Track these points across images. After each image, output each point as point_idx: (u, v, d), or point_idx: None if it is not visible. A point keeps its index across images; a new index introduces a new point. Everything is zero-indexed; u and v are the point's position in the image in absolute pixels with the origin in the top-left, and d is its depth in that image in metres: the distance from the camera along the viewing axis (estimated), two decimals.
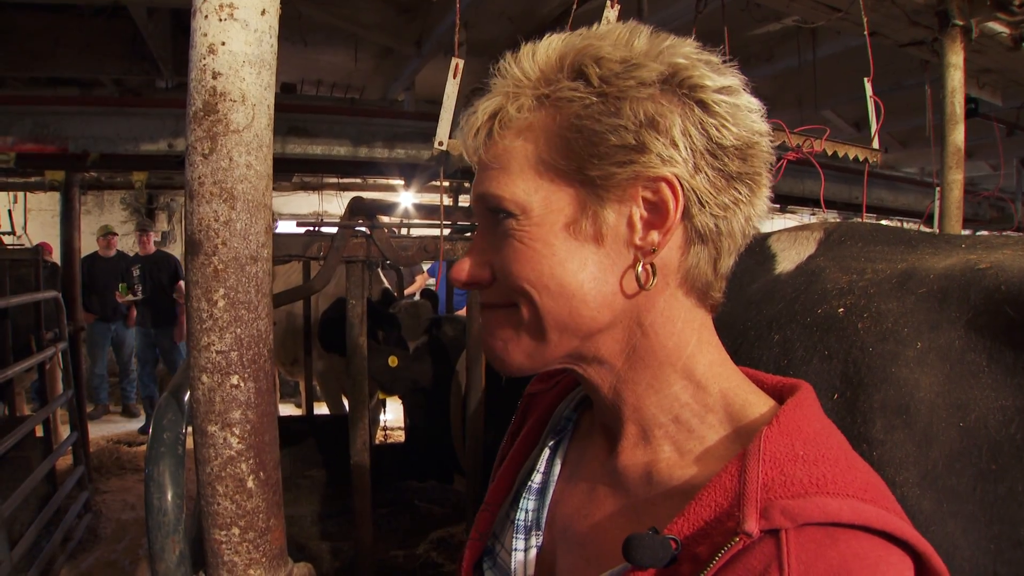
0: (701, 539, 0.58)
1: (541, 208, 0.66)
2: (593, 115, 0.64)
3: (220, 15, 1.17)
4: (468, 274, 0.72)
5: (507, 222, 0.67)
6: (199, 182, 1.19)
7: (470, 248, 0.73)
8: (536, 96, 0.67)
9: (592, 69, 0.64)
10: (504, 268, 0.68)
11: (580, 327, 0.67)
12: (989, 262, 1.05)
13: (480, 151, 0.70)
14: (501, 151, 0.68)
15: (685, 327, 0.69)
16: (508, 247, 0.68)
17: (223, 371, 1.22)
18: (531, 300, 0.67)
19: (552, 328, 0.67)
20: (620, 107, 0.63)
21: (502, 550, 0.82)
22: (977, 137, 5.61)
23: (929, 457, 0.93)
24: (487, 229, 0.72)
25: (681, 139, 0.63)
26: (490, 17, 3.91)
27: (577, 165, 0.65)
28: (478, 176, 0.71)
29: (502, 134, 0.68)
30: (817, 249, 1.32)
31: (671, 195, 0.63)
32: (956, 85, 2.82)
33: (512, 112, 0.67)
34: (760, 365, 1.13)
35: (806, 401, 0.66)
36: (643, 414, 0.70)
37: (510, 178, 0.67)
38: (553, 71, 0.67)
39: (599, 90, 0.64)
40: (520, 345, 0.70)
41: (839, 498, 0.56)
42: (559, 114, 0.66)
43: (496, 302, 0.71)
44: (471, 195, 0.74)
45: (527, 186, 0.66)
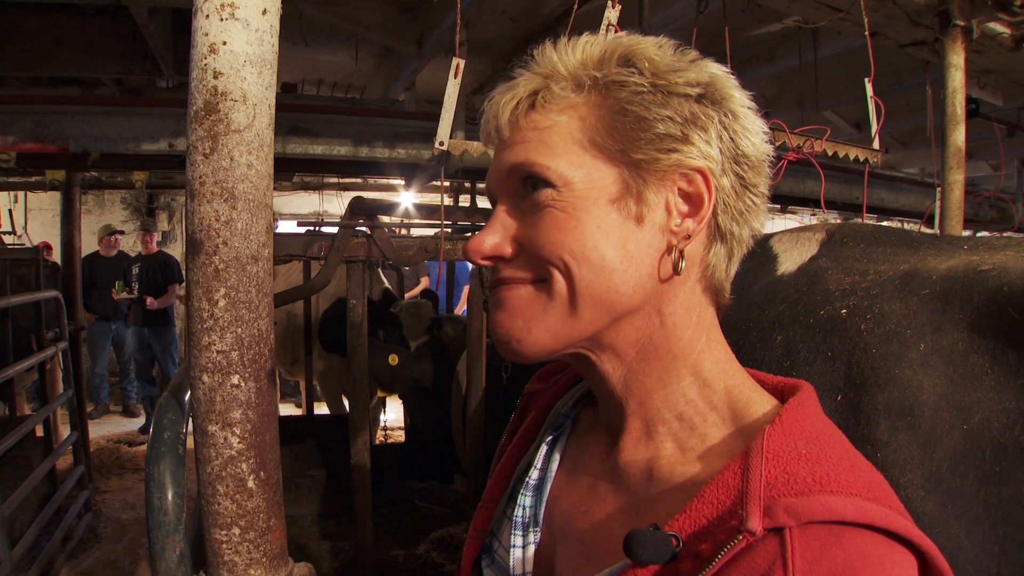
0: (703, 537, 0.58)
1: (584, 182, 0.67)
2: (643, 102, 0.66)
3: (221, 15, 1.17)
4: (492, 246, 0.70)
5: (544, 192, 0.67)
6: (200, 182, 1.19)
7: (490, 223, 0.72)
8: (581, 79, 0.69)
9: (643, 63, 0.67)
10: (539, 239, 0.68)
11: (614, 305, 0.67)
12: (992, 263, 1.04)
13: (518, 121, 0.70)
14: (543, 124, 0.69)
15: (699, 322, 0.71)
16: (547, 217, 0.67)
17: (224, 371, 1.22)
18: (568, 271, 0.66)
19: (586, 303, 0.67)
20: (669, 100, 0.66)
21: (500, 547, 0.81)
22: (978, 137, 5.61)
23: (933, 459, 0.93)
24: (513, 202, 0.71)
25: (715, 141, 0.67)
26: (491, 16, 3.90)
27: (622, 146, 0.67)
28: (509, 149, 0.70)
29: (545, 108, 0.69)
30: (819, 250, 1.31)
31: (705, 187, 0.67)
32: (957, 85, 2.82)
33: (556, 90, 0.69)
34: (763, 366, 1.12)
35: (808, 400, 0.67)
36: (648, 409, 0.70)
37: (552, 150, 0.67)
38: (598, 61, 0.69)
39: (651, 81, 0.67)
40: (545, 323, 0.68)
41: (843, 496, 0.55)
42: (608, 96, 0.68)
43: (519, 277, 0.70)
44: (497, 168, 0.73)
45: (571, 159, 0.67)
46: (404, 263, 2.73)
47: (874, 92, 2.66)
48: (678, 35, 0.72)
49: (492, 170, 0.74)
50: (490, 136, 0.74)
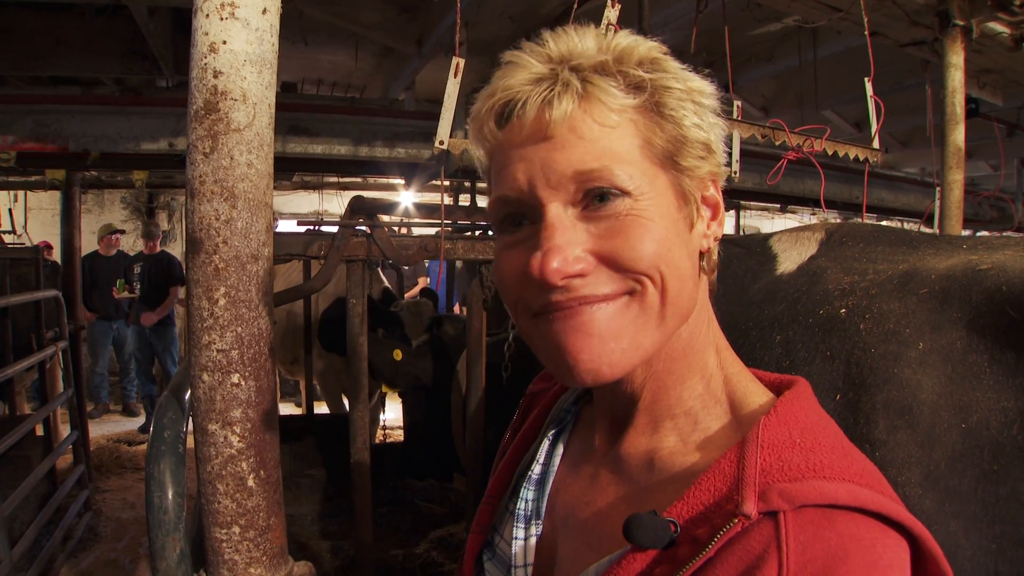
0: (701, 522, 0.59)
1: (651, 188, 0.65)
2: (684, 109, 0.66)
3: (221, 14, 1.17)
4: (576, 263, 0.62)
5: (622, 201, 0.63)
6: (200, 181, 1.19)
7: (550, 236, 0.63)
8: (630, 75, 0.65)
9: (672, 67, 0.67)
10: (631, 250, 0.63)
11: (688, 310, 0.68)
12: (990, 263, 1.05)
13: (575, 119, 0.63)
14: (606, 125, 0.64)
15: (708, 318, 0.72)
16: (629, 226, 0.63)
17: (224, 369, 1.22)
18: (663, 281, 0.63)
19: (673, 313, 0.65)
20: (698, 109, 0.67)
21: (501, 541, 0.82)
22: (977, 137, 5.61)
23: (932, 458, 0.93)
24: (571, 212, 0.64)
25: (718, 145, 0.69)
26: (491, 16, 3.90)
27: (669, 152, 0.66)
28: (560, 151, 0.63)
29: (602, 107, 0.64)
30: (819, 250, 1.32)
31: (718, 192, 0.70)
32: (956, 85, 2.82)
33: (605, 86, 0.64)
34: (762, 365, 1.13)
35: (803, 394, 0.68)
36: (660, 406, 0.71)
37: (620, 156, 0.63)
38: (625, 58, 0.66)
39: (684, 86, 0.67)
40: (638, 339, 0.64)
41: (836, 481, 0.57)
42: (658, 100, 0.65)
43: (603, 293, 0.63)
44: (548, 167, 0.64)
45: (637, 166, 0.64)
46: (404, 263, 2.73)
47: (874, 92, 2.66)
48: (678, 34, 0.72)
49: (533, 170, 0.64)
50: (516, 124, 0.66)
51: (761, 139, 2.43)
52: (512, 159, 0.66)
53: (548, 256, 0.62)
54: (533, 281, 0.63)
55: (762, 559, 0.54)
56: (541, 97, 0.64)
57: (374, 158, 4.12)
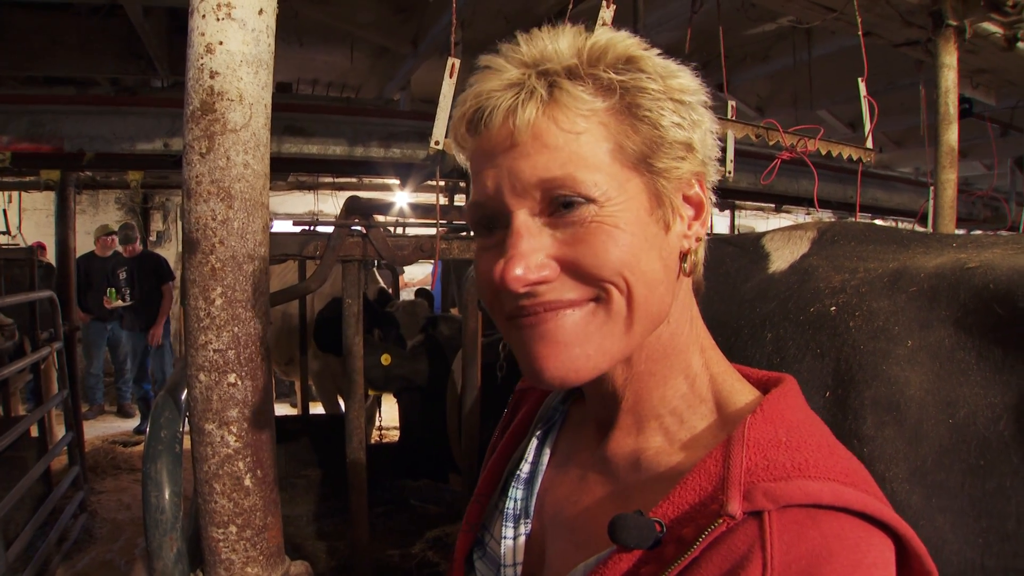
0: (686, 522, 0.59)
1: (620, 193, 0.64)
2: (660, 109, 0.65)
3: (218, 14, 1.18)
4: (537, 274, 0.63)
5: (586, 208, 0.63)
6: (196, 181, 1.19)
7: (514, 243, 0.64)
8: (600, 78, 0.64)
9: (650, 65, 0.66)
10: (594, 257, 0.63)
11: (659, 315, 0.67)
12: (978, 261, 1.06)
13: (536, 125, 0.63)
14: (571, 131, 0.63)
15: (692, 318, 0.72)
16: (593, 232, 0.63)
17: (220, 369, 1.22)
18: (628, 288, 0.64)
19: (640, 318, 0.65)
20: (677, 107, 0.66)
21: (491, 539, 0.83)
22: (971, 137, 5.63)
23: (919, 453, 0.94)
24: (538, 220, 0.65)
25: (701, 145, 0.68)
26: (486, 16, 3.91)
27: (644, 154, 0.65)
28: (526, 159, 0.63)
29: (568, 112, 0.63)
30: (810, 248, 1.33)
31: (702, 191, 0.70)
32: (950, 85, 2.84)
33: (573, 90, 0.64)
34: (753, 363, 1.14)
35: (790, 392, 0.68)
36: (644, 406, 0.72)
37: (586, 162, 0.63)
38: (600, 58, 0.65)
39: (661, 85, 0.65)
40: (603, 345, 0.65)
41: (820, 481, 0.57)
42: (631, 101, 0.65)
43: (571, 300, 0.64)
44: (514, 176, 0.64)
45: (606, 171, 0.64)
46: (400, 263, 2.74)
47: (868, 92, 2.68)
48: (674, 34, 0.72)
49: (500, 177, 0.65)
50: (485, 132, 0.66)
51: (755, 139, 2.44)
52: (483, 166, 0.67)
53: (510, 263, 0.63)
54: (498, 287, 0.64)
55: (747, 559, 0.55)
56: (507, 105, 0.64)
57: (369, 158, 4.12)
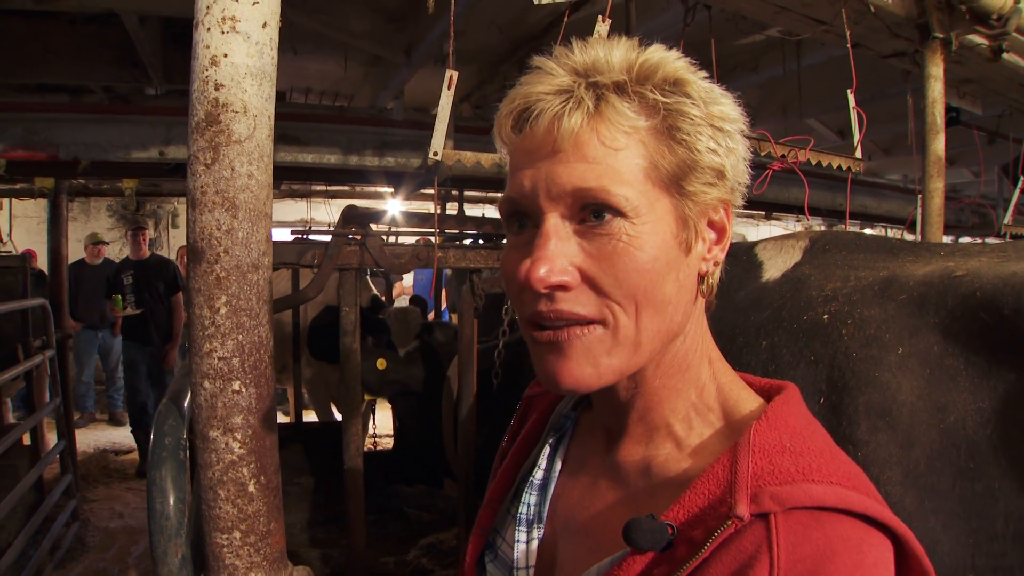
0: (696, 524, 0.62)
1: (649, 211, 0.65)
2: (699, 134, 0.66)
3: (223, 27, 1.20)
4: (559, 276, 0.65)
5: (617, 223, 0.65)
6: (202, 191, 1.21)
7: (545, 244, 0.65)
8: (646, 97, 0.66)
9: (695, 90, 0.67)
10: (614, 276, 0.65)
11: (669, 334, 0.70)
12: (965, 269, 1.09)
13: (580, 135, 0.65)
14: (613, 146, 0.65)
15: (703, 334, 0.75)
16: (619, 251, 0.65)
17: (225, 377, 1.24)
18: (637, 311, 0.66)
19: (648, 339, 0.67)
20: (715, 135, 0.67)
21: (503, 543, 0.85)
22: (959, 144, 5.68)
23: (911, 457, 0.97)
24: (568, 226, 0.66)
25: (732, 172, 0.69)
26: (480, 26, 3.93)
27: (676, 176, 0.66)
28: (569, 165, 0.65)
29: (612, 127, 0.65)
30: (802, 257, 1.36)
31: (727, 217, 0.71)
32: (936, 96, 2.88)
33: (619, 106, 0.65)
34: (749, 370, 1.16)
35: (793, 399, 0.71)
36: (654, 416, 0.74)
37: (623, 178, 0.64)
38: (647, 77, 0.67)
39: (703, 111, 0.67)
40: (612, 364, 0.67)
41: (824, 485, 0.60)
42: (672, 124, 0.66)
43: (582, 315, 0.66)
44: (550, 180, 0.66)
45: (639, 188, 0.65)
46: (397, 271, 2.75)
47: (856, 101, 2.71)
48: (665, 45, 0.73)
49: (536, 180, 0.67)
50: (529, 132, 0.68)
51: None
52: (523, 165, 0.69)
53: (536, 264, 0.64)
54: (522, 285, 0.66)
55: (754, 558, 0.58)
56: (553, 111, 0.66)
57: (364, 167, 4.14)
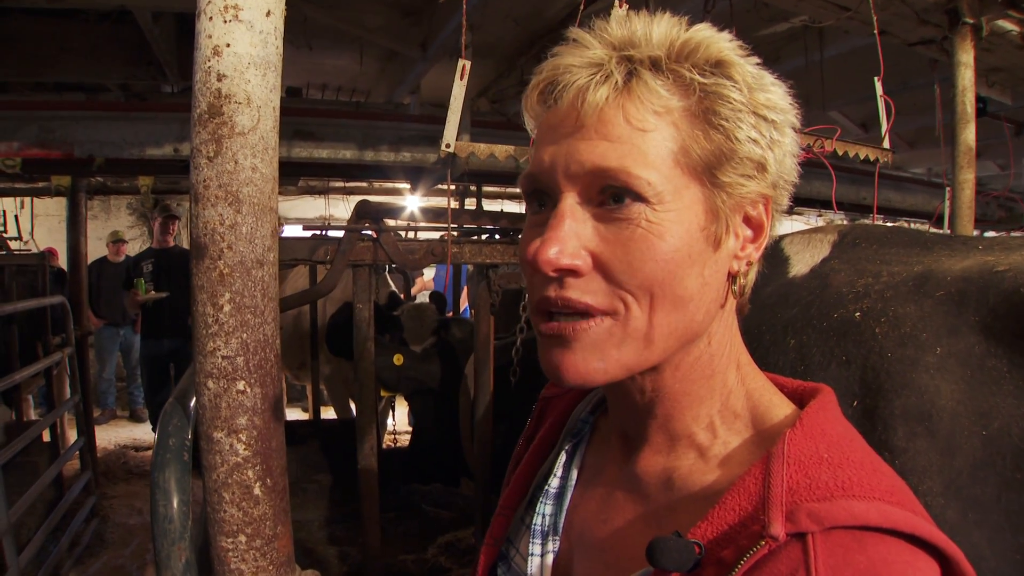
0: (725, 543, 0.57)
1: (674, 201, 0.61)
2: (739, 121, 0.62)
3: (225, 16, 1.16)
4: (570, 259, 0.61)
5: (636, 207, 0.60)
6: (204, 185, 1.18)
7: (558, 225, 0.62)
8: (685, 80, 0.62)
9: (739, 73, 0.62)
10: (628, 264, 0.61)
11: (687, 333, 0.64)
12: (1007, 264, 1.03)
13: (605, 111, 0.61)
14: (640, 125, 0.61)
15: (734, 337, 0.70)
16: (637, 238, 0.60)
17: (229, 377, 1.20)
18: (652, 304, 0.61)
19: (662, 336, 0.63)
20: (758, 123, 0.62)
21: (517, 555, 0.80)
22: (985, 137, 5.56)
23: (953, 466, 0.91)
24: (586, 208, 0.63)
25: (776, 166, 0.64)
26: (495, 19, 3.89)
27: (709, 164, 0.62)
28: (591, 142, 0.61)
29: (641, 105, 0.61)
30: (831, 252, 1.30)
31: (766, 214, 0.66)
32: (967, 84, 2.79)
33: (652, 83, 0.61)
34: (776, 370, 1.11)
35: (828, 404, 0.66)
36: (676, 424, 0.69)
37: (648, 160, 0.60)
38: (688, 55, 0.62)
39: (746, 97, 0.62)
40: (621, 359, 0.63)
41: (866, 501, 0.55)
42: (709, 107, 0.62)
43: (591, 305, 0.61)
44: (569, 157, 0.62)
45: (665, 173, 0.61)
46: (411, 267, 2.72)
47: (883, 91, 2.64)
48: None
49: (556, 155, 0.63)
50: (554, 105, 0.64)
51: None
52: (545, 139, 0.65)
53: (545, 244, 0.61)
54: (531, 266, 0.62)
55: None
56: (579, 84, 0.62)
57: (379, 162, 4.11)
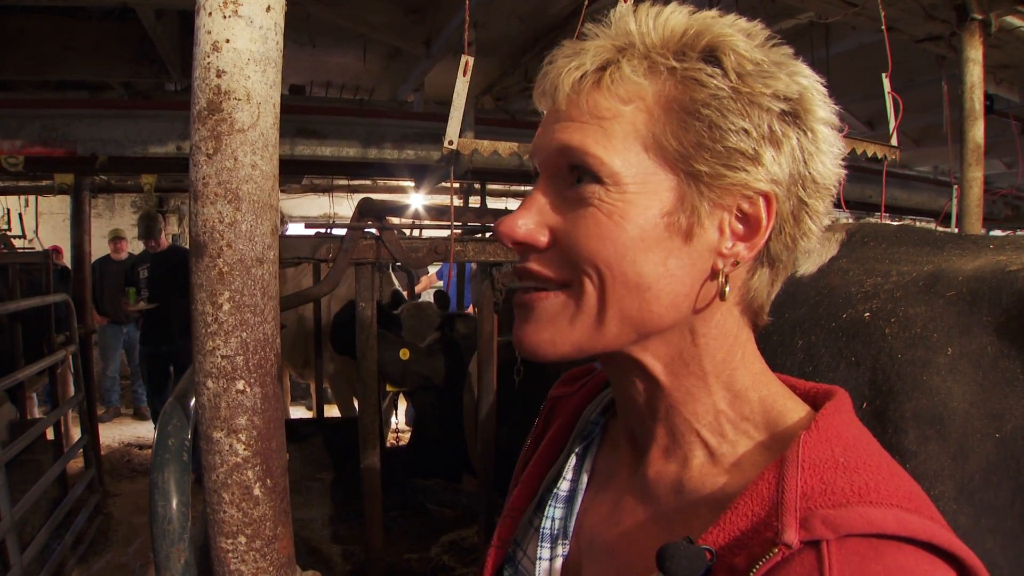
0: (738, 550, 0.55)
1: (636, 185, 0.61)
2: (721, 108, 0.60)
3: (224, 12, 1.14)
4: (526, 232, 0.64)
5: (591, 187, 0.62)
6: (203, 183, 1.16)
7: (527, 202, 0.66)
8: (657, 64, 0.62)
9: (729, 60, 0.61)
10: (577, 239, 0.62)
11: (644, 323, 0.63)
12: (1020, 263, 1.01)
13: (579, 96, 0.63)
14: (605, 108, 0.62)
15: (735, 343, 0.67)
16: (588, 216, 0.62)
17: (229, 376, 1.19)
18: (601, 282, 0.62)
19: (614, 318, 0.63)
20: (749, 111, 0.60)
21: (524, 558, 0.79)
22: (992, 134, 5.52)
23: (965, 470, 0.89)
24: (555, 185, 0.66)
25: (787, 162, 0.61)
26: (499, 16, 3.87)
27: (685, 153, 0.61)
28: (563, 124, 0.64)
29: (611, 90, 0.62)
30: (839, 251, 1.28)
31: (766, 212, 0.62)
32: (975, 80, 2.77)
33: (627, 71, 0.62)
34: (783, 371, 1.09)
35: (844, 406, 0.64)
36: (676, 422, 0.67)
37: (611, 141, 0.61)
38: (680, 44, 0.62)
39: (734, 85, 0.60)
40: (571, 336, 0.64)
41: (883, 508, 0.53)
42: (683, 92, 0.61)
43: (547, 276, 0.65)
44: (546, 139, 0.66)
45: (629, 157, 0.61)
46: (414, 265, 2.70)
47: (891, 88, 2.62)
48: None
49: (541, 139, 0.67)
50: (544, 97, 0.67)
51: None
52: (541, 124, 0.69)
53: (508, 217, 0.65)
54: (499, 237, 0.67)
55: None
56: (557, 73, 0.65)
57: (383, 160, 4.10)
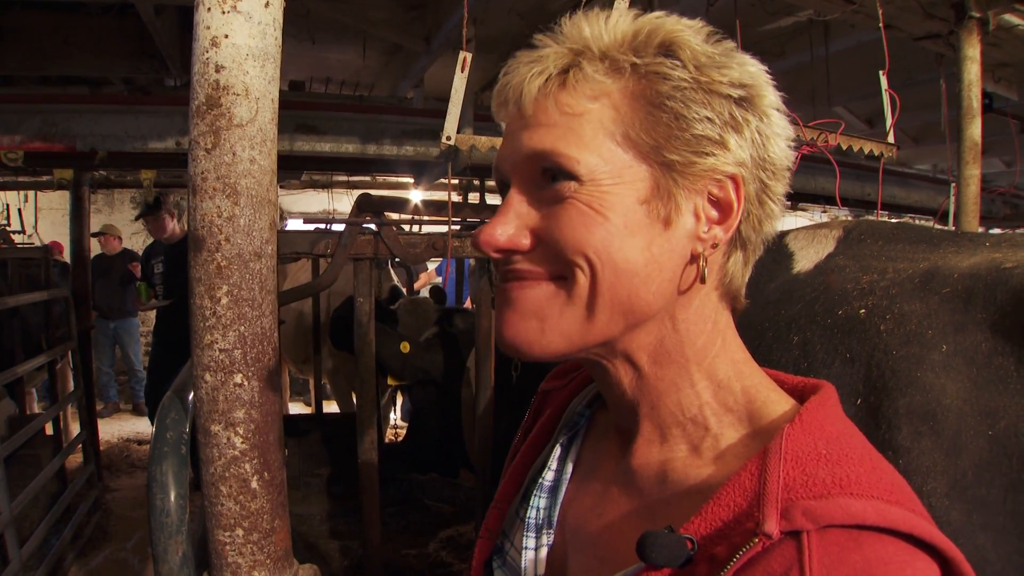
0: (719, 539, 0.56)
1: (611, 178, 0.63)
2: (685, 99, 0.62)
3: (223, 7, 1.15)
4: (507, 239, 0.65)
5: (567, 185, 0.63)
6: (202, 177, 1.17)
7: (502, 210, 0.67)
8: (619, 63, 0.64)
9: (685, 53, 0.63)
10: (561, 233, 0.63)
11: (633, 310, 0.64)
12: (1015, 261, 1.01)
13: (544, 101, 0.64)
14: (574, 110, 0.64)
15: (714, 327, 0.68)
16: (570, 209, 0.63)
17: (226, 370, 1.20)
18: (592, 271, 0.63)
19: (605, 307, 0.64)
20: (710, 100, 0.63)
21: (512, 548, 0.80)
22: (991, 133, 5.52)
23: (958, 466, 0.89)
24: (529, 190, 0.67)
25: (748, 146, 0.64)
26: (499, 13, 3.87)
27: (656, 144, 0.63)
28: (531, 130, 0.65)
29: (576, 91, 0.64)
30: (836, 248, 1.28)
31: (735, 195, 0.64)
32: (973, 78, 2.77)
33: (589, 71, 0.64)
34: (779, 367, 1.09)
35: (829, 401, 0.65)
36: (661, 412, 0.68)
37: (581, 140, 0.63)
38: (635, 43, 0.64)
39: (693, 76, 0.63)
40: (560, 326, 0.65)
41: (863, 499, 0.53)
42: (647, 87, 0.63)
43: (535, 273, 0.65)
44: (513, 148, 0.67)
45: (602, 154, 0.63)
46: (412, 261, 2.71)
47: (888, 85, 2.62)
48: None
49: (507, 148, 0.68)
50: (506, 106, 0.68)
51: None
52: (504, 134, 0.70)
53: (487, 227, 0.66)
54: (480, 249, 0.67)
55: None
56: (519, 80, 0.66)
57: (382, 156, 4.09)
